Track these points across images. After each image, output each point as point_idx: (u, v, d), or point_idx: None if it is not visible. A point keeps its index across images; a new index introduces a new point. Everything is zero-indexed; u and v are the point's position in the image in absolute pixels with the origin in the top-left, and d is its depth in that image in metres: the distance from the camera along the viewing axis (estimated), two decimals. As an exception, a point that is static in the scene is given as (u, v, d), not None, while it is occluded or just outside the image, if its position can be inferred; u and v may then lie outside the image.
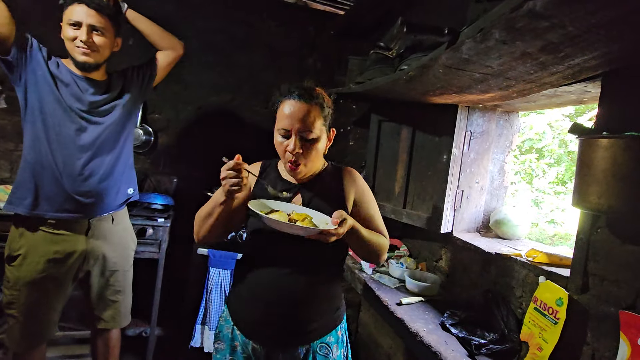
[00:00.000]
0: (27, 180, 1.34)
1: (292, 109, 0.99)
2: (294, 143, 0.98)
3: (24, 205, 1.33)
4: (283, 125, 0.99)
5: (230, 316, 1.09)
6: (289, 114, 0.98)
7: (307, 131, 0.99)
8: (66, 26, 1.33)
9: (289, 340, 1.03)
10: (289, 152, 0.99)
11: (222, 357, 1.08)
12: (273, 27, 2.48)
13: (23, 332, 1.37)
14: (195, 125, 2.42)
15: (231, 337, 1.07)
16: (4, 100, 2.09)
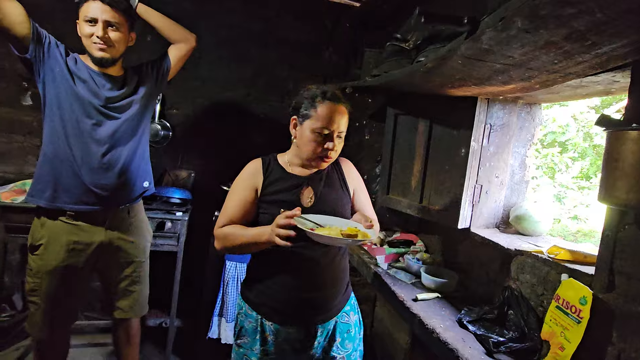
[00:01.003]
0: (47, 173, 1.39)
1: (333, 111, 1.08)
2: (334, 142, 1.09)
3: (44, 198, 1.37)
4: (324, 125, 1.07)
5: (254, 310, 1.12)
6: (330, 115, 1.07)
7: (343, 131, 1.12)
8: (82, 23, 1.36)
9: (323, 318, 1.14)
10: (329, 150, 1.09)
11: (248, 350, 1.11)
12: (288, 21, 2.47)
13: (44, 319, 1.43)
14: (212, 120, 2.45)
15: (260, 330, 1.11)
16: (29, 97, 2.17)
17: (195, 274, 2.20)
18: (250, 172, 1.15)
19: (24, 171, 2.17)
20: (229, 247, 1.10)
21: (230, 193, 1.15)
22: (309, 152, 1.10)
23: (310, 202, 1.14)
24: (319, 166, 1.14)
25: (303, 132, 1.10)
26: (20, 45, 1.32)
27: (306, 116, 1.09)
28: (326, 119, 1.07)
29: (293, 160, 1.18)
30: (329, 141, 1.08)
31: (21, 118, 2.16)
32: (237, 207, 1.11)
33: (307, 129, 1.09)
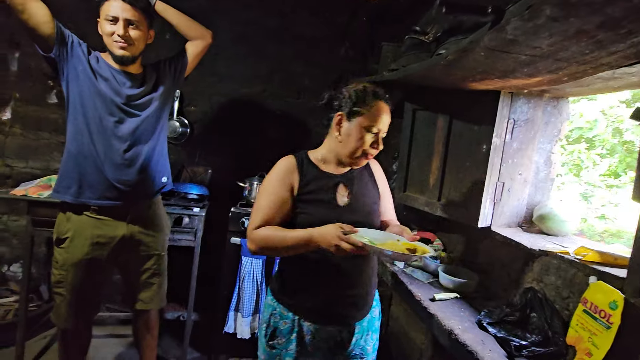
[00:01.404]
0: (71, 170, 1.42)
1: (383, 110, 1.10)
2: (380, 141, 1.10)
3: (69, 194, 1.41)
4: (374, 123, 1.07)
5: (290, 310, 1.11)
6: (381, 114, 1.09)
7: (385, 132, 1.12)
8: (103, 21, 1.38)
9: (360, 314, 1.16)
10: (374, 149, 1.10)
11: (282, 351, 1.11)
12: (304, 16, 2.46)
13: (69, 310, 1.47)
14: (229, 117, 2.47)
15: (297, 330, 1.10)
16: (54, 95, 2.24)
17: (212, 269, 2.22)
18: (286, 170, 1.11)
19: (49, 167, 2.25)
20: (268, 249, 1.06)
21: (263, 192, 1.11)
22: (354, 149, 1.09)
23: (345, 201, 1.13)
24: (359, 164, 1.14)
25: (351, 129, 1.08)
26: (45, 45, 1.35)
27: (357, 113, 1.08)
28: (377, 117, 1.07)
29: (327, 158, 1.16)
30: (376, 140, 1.09)
31: (47, 116, 2.23)
32: (273, 207, 1.07)
33: (356, 126, 1.08)
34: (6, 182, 2.23)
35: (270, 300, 1.17)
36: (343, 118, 1.09)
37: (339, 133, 1.11)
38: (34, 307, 2.10)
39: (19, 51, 2.16)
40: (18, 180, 2.17)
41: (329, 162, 1.15)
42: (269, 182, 1.11)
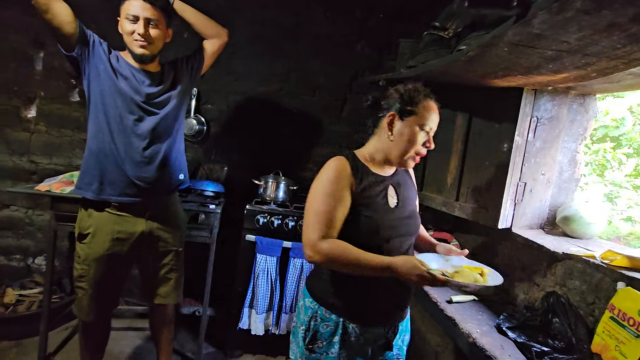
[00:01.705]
0: (92, 167, 1.45)
1: (435, 110, 1.09)
2: (431, 140, 1.09)
3: (91, 190, 1.44)
4: (428, 123, 1.06)
5: (334, 312, 1.07)
6: (434, 114, 1.08)
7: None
8: (124, 20, 1.39)
9: (404, 314, 1.17)
10: (426, 149, 1.09)
11: (323, 354, 1.08)
12: (319, 14, 2.44)
13: (91, 303, 1.51)
14: (245, 115, 2.48)
15: (341, 332, 1.06)
16: (77, 94, 2.30)
17: (227, 265, 2.25)
18: (344, 172, 1.05)
19: (72, 163, 2.32)
20: (336, 264, 1.00)
21: (319, 195, 1.02)
22: (407, 149, 1.07)
23: (395, 203, 1.12)
24: (408, 165, 1.11)
25: (404, 129, 1.06)
26: (68, 44, 1.38)
27: (410, 112, 1.06)
28: (429, 116, 1.06)
29: (376, 158, 1.12)
30: (428, 140, 1.08)
31: (70, 113, 2.29)
32: (334, 211, 1.01)
33: (411, 126, 1.06)
34: (31, 177, 2.30)
35: (309, 302, 1.12)
36: (395, 118, 1.07)
37: (391, 133, 1.08)
38: (57, 299, 2.17)
39: (44, 51, 2.23)
40: (42, 176, 2.24)
41: (376, 163, 1.12)
42: (326, 184, 1.03)
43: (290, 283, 2.06)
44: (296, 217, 2.09)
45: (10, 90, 2.22)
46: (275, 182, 2.21)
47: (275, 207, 2.13)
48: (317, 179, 1.07)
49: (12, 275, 2.33)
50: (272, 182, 2.20)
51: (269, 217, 2.07)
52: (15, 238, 2.35)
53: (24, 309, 2.05)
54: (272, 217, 2.07)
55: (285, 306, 2.06)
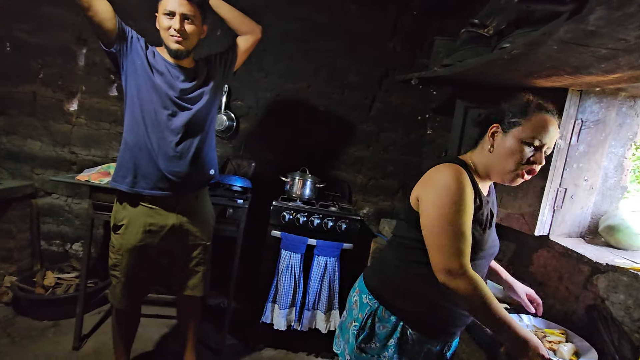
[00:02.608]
0: (127, 160, 1.50)
1: (550, 123, 0.95)
2: (541, 157, 0.96)
3: (125, 183, 1.49)
4: (536, 135, 0.94)
5: (394, 314, 1.03)
6: (545, 126, 0.95)
7: (551, 149, 0.99)
8: (161, 16, 1.43)
9: (459, 333, 1.12)
10: (534, 164, 0.96)
11: (374, 357, 1.05)
12: (352, 11, 2.42)
13: (123, 291, 1.57)
14: (273, 112, 2.50)
15: (398, 336, 1.02)
16: (115, 88, 2.40)
17: (252, 260, 2.28)
18: (468, 183, 0.95)
19: (108, 155, 2.42)
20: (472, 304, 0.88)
21: (457, 209, 0.91)
22: (507, 165, 0.96)
23: (487, 225, 1.03)
24: (512, 182, 0.99)
25: (505, 141, 0.96)
26: (108, 40, 1.43)
27: (514, 124, 0.96)
28: (539, 129, 0.93)
29: (480, 172, 1.03)
30: (536, 156, 0.94)
31: (108, 107, 2.39)
32: (470, 229, 0.92)
33: (512, 138, 0.95)
34: (71, 168, 2.43)
35: (367, 299, 1.07)
36: (499, 129, 0.98)
37: (491, 145, 0.99)
38: (92, 283, 2.27)
39: (86, 47, 2.33)
40: (81, 167, 2.35)
41: (480, 177, 1.03)
42: (463, 196, 0.92)
43: (314, 281, 2.06)
44: (321, 215, 2.09)
45: (55, 84, 2.34)
46: (302, 179, 2.21)
47: (301, 204, 2.14)
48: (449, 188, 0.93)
49: (51, 259, 2.47)
50: (298, 179, 2.20)
51: (295, 214, 2.08)
52: (55, 224, 2.48)
53: (61, 292, 2.17)
54: (297, 214, 2.08)
55: (307, 303, 2.07)
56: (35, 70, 2.31)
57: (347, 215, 2.11)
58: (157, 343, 2.10)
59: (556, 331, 1.16)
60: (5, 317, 2.09)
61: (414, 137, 2.55)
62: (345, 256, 2.09)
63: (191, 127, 1.53)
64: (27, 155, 2.38)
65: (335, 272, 2.08)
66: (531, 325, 1.20)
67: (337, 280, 2.08)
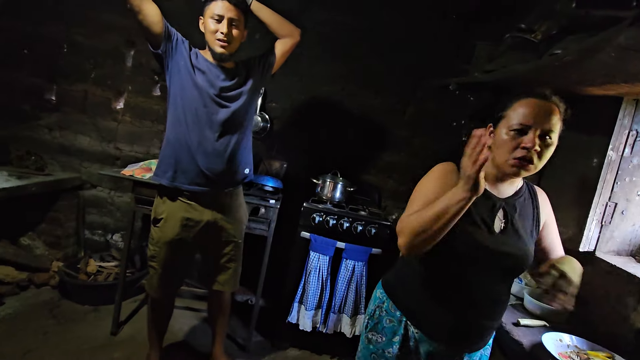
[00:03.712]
0: (169, 156, 1.56)
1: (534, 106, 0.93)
2: (534, 140, 0.91)
3: (166, 177, 1.56)
4: (520, 120, 0.92)
5: (399, 309, 1.06)
6: (529, 109, 0.93)
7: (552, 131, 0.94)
8: (208, 19, 1.48)
9: (473, 347, 1.06)
10: (527, 149, 0.91)
11: (380, 350, 1.07)
12: (388, 15, 2.41)
13: (160, 282, 1.64)
14: (307, 114, 2.53)
15: (402, 333, 1.05)
16: (158, 88, 2.52)
17: (281, 259, 2.31)
18: (452, 173, 1.00)
19: (150, 152, 2.55)
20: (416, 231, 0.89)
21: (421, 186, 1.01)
22: (503, 156, 0.95)
23: (500, 228, 1.00)
24: (517, 174, 0.96)
25: (497, 137, 0.97)
26: (155, 42, 1.51)
27: (500, 118, 0.98)
28: (523, 114, 0.92)
29: (489, 174, 1.01)
30: (524, 140, 0.91)
31: (151, 106, 2.52)
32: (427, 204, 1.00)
33: (501, 131, 0.96)
34: (115, 162, 2.57)
35: (379, 292, 1.13)
36: (492, 128, 0.99)
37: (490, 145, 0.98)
38: (129, 273, 2.39)
39: (134, 49, 2.47)
40: (125, 162, 2.49)
41: (490, 179, 1.01)
42: (434, 176, 1.02)
43: (341, 284, 2.06)
44: (351, 219, 2.09)
45: (104, 84, 2.49)
46: (333, 182, 2.22)
47: (331, 207, 2.15)
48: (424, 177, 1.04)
49: (94, 247, 2.63)
50: (330, 181, 2.22)
51: (325, 216, 2.09)
52: (98, 215, 2.64)
53: (102, 279, 2.30)
54: (327, 217, 2.09)
55: (334, 306, 2.07)
56: (87, 70, 2.47)
57: (376, 220, 2.10)
58: (187, 334, 2.17)
59: (601, 354, 1.10)
60: (52, 299, 2.24)
61: (447, 144, 2.49)
62: (373, 261, 2.08)
63: (229, 125, 1.58)
64: (77, 150, 2.55)
65: (363, 277, 2.07)
66: (573, 346, 1.14)
67: (364, 285, 2.07)
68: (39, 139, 2.52)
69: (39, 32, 2.41)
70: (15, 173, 2.20)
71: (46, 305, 2.17)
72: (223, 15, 1.46)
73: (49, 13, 2.39)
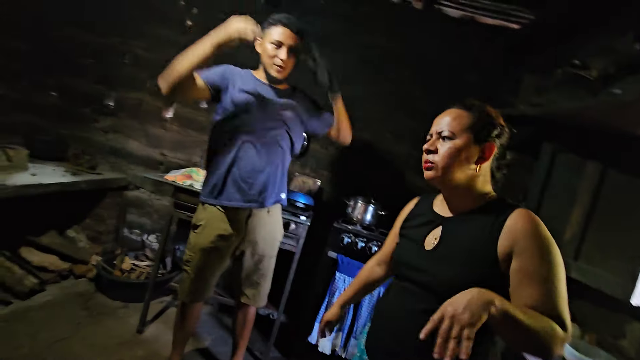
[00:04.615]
0: (213, 173, 1.60)
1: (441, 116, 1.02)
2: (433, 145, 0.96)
3: (212, 197, 1.60)
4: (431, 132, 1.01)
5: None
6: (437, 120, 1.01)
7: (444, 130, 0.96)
8: (268, 44, 1.52)
9: None
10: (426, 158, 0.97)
11: None
12: (431, 41, 2.43)
13: (191, 287, 1.68)
14: (343, 135, 2.56)
15: None
16: (205, 102, 2.66)
17: (306, 277, 2.30)
18: (406, 207, 1.18)
19: (191, 159, 2.68)
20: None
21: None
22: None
23: (432, 245, 0.94)
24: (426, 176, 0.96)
25: None
26: (207, 98, 1.58)
27: None
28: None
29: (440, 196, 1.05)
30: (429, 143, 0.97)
31: (197, 117, 2.66)
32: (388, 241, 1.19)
33: None
34: (159, 167, 2.72)
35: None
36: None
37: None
38: (160, 274, 2.48)
39: (187, 63, 2.65)
40: (167, 167, 2.63)
41: (439, 199, 1.06)
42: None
43: (364, 310, 2.01)
44: (380, 243, 2.05)
45: (158, 94, 2.67)
46: (365, 204, 2.21)
47: (361, 229, 2.13)
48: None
49: (130, 246, 2.76)
50: (361, 203, 2.21)
51: (354, 238, 2.07)
52: (137, 215, 2.78)
53: (135, 277, 2.40)
54: (356, 238, 2.07)
55: (355, 331, 2.02)
56: (144, 80, 2.67)
57: (407, 247, 2.05)
58: (209, 342, 2.20)
59: None
60: (88, 291, 2.36)
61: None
62: (400, 289, 2.02)
63: (272, 145, 1.60)
64: (126, 152, 2.73)
65: (388, 304, 2.01)
66: None
67: (389, 312, 2.01)
68: (94, 140, 2.73)
69: (104, 43, 2.66)
70: (71, 170, 2.39)
71: (81, 297, 2.29)
72: (283, 42, 1.50)
73: (114, 27, 2.64)
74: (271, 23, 1.53)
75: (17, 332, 1.85)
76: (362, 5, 2.47)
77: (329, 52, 2.40)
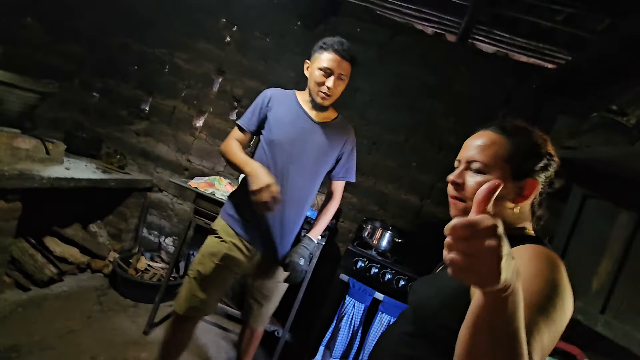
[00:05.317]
0: (237, 196, 1.59)
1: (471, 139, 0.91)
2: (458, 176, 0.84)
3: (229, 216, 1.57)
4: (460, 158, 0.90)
5: None
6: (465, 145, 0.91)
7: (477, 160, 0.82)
8: (317, 70, 1.40)
9: None
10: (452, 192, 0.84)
11: None
12: (464, 75, 2.44)
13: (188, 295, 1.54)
14: (367, 159, 2.57)
15: None
16: (235, 113, 2.75)
17: (314, 297, 2.27)
18: None
19: (215, 168, 2.75)
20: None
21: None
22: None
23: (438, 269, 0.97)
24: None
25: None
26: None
27: None
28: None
29: None
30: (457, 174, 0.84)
31: (225, 129, 2.75)
32: None
33: None
34: (183, 173, 2.81)
35: None
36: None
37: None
38: (172, 278, 2.51)
39: (222, 77, 2.76)
40: (192, 174, 2.70)
41: None
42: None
43: (372, 338, 1.95)
44: (394, 271, 2.01)
45: (191, 103, 2.79)
46: (381, 230, 2.19)
47: (375, 255, 2.10)
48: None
49: (147, 246, 2.82)
50: (379, 229, 2.18)
51: (367, 263, 2.04)
52: (158, 217, 2.85)
53: (148, 278, 2.44)
54: (370, 264, 2.04)
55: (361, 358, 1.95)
56: (180, 89, 2.80)
57: (421, 279, 1.99)
58: (212, 352, 2.18)
59: None
60: (102, 286, 2.42)
61: (510, 212, 2.34)
62: (411, 322, 1.95)
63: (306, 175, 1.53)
64: (155, 156, 2.84)
65: (397, 336, 1.94)
66: None
67: (397, 345, 1.94)
68: (126, 141, 2.86)
69: (152, 53, 2.82)
70: (102, 167, 2.50)
71: (96, 291, 2.34)
72: (333, 70, 1.39)
73: (162, 39, 2.80)
74: (322, 47, 1.41)
75: (32, 319, 1.91)
76: (397, 34, 2.53)
77: (362, 78, 2.46)
